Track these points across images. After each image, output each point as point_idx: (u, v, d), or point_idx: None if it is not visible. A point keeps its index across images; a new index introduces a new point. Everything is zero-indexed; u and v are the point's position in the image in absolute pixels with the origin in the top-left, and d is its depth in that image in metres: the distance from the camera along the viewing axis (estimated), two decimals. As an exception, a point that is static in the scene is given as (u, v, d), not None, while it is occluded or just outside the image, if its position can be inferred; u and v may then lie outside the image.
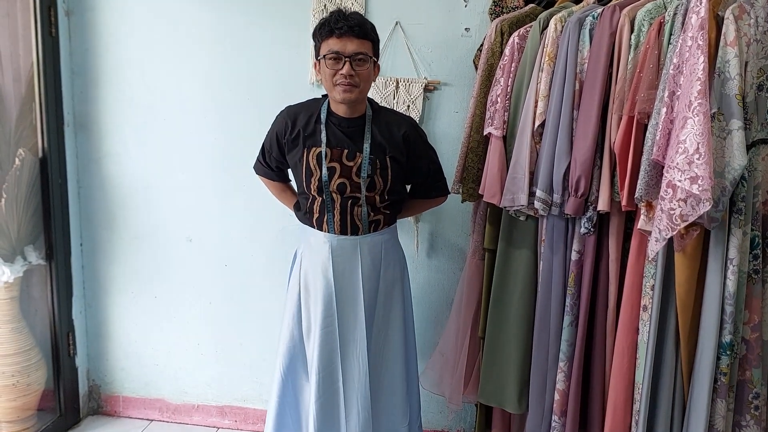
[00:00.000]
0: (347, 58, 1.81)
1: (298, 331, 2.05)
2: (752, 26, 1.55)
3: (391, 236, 2.07)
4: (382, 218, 1.99)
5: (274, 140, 2.02)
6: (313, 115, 1.94)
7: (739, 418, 1.69)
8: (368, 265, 1.98)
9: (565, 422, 1.90)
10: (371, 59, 1.87)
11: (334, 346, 1.98)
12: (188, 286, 2.65)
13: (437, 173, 2.10)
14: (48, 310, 2.57)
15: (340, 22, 1.81)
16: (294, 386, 2.10)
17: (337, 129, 1.92)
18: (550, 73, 1.84)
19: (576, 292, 1.86)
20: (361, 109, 1.94)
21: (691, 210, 1.49)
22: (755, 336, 1.65)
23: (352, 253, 1.97)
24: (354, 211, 1.94)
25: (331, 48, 1.82)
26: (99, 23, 2.50)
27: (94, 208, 2.63)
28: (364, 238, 1.97)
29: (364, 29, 1.83)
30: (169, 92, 2.51)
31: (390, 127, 1.95)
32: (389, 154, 1.93)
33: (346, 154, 1.91)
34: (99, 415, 2.78)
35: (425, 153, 2.04)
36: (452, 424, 2.58)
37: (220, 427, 2.72)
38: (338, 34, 1.81)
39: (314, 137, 1.93)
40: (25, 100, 2.43)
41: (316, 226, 1.98)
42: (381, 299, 2.03)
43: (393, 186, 1.97)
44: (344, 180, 1.91)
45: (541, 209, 1.86)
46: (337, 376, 1.98)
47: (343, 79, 1.82)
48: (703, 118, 1.44)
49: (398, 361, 2.09)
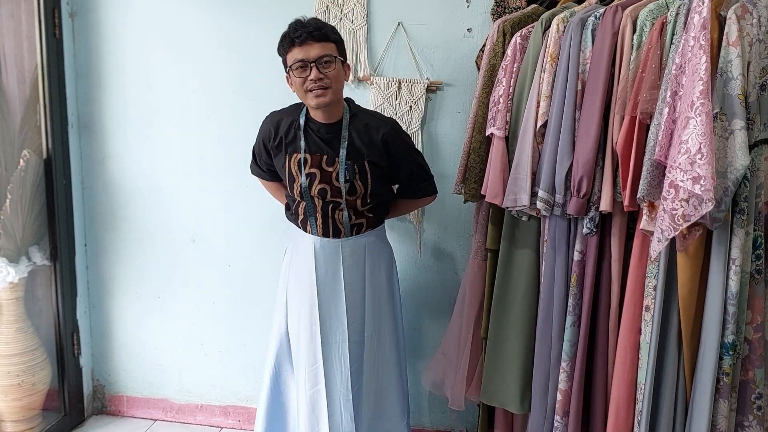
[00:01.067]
0: (312, 63, 1.82)
1: (284, 327, 2.09)
2: (755, 26, 1.54)
3: (376, 238, 2.07)
4: (365, 221, 2.01)
5: (261, 146, 2.05)
6: (294, 121, 1.96)
7: (741, 419, 1.69)
8: (350, 267, 2.00)
9: (567, 422, 1.90)
10: (337, 59, 1.87)
11: (316, 345, 2.00)
12: (192, 287, 2.66)
13: (421, 173, 2.08)
14: (52, 310, 2.58)
15: (299, 31, 1.82)
16: (282, 386, 2.14)
17: (315, 135, 1.94)
18: (552, 74, 1.84)
19: (578, 293, 1.86)
20: (338, 114, 1.94)
21: (693, 210, 1.49)
22: (758, 336, 1.65)
23: (334, 255, 1.99)
24: (335, 215, 1.96)
25: (295, 57, 1.83)
26: (102, 25, 2.51)
27: (98, 209, 2.64)
28: (346, 240, 1.99)
29: (323, 32, 1.84)
30: (172, 93, 2.52)
31: (369, 131, 1.95)
32: (368, 158, 1.93)
33: (325, 159, 1.92)
34: (103, 415, 2.79)
35: (407, 154, 2.03)
36: (455, 425, 2.58)
37: (224, 427, 2.72)
38: (299, 42, 1.82)
39: (294, 144, 1.95)
40: (29, 102, 2.44)
41: (302, 227, 2.02)
42: (369, 301, 2.04)
43: (375, 189, 1.98)
44: (325, 185, 1.93)
45: (544, 209, 1.86)
46: (321, 376, 2.00)
47: (312, 84, 1.82)
48: (705, 118, 1.44)
49: (393, 361, 2.12)
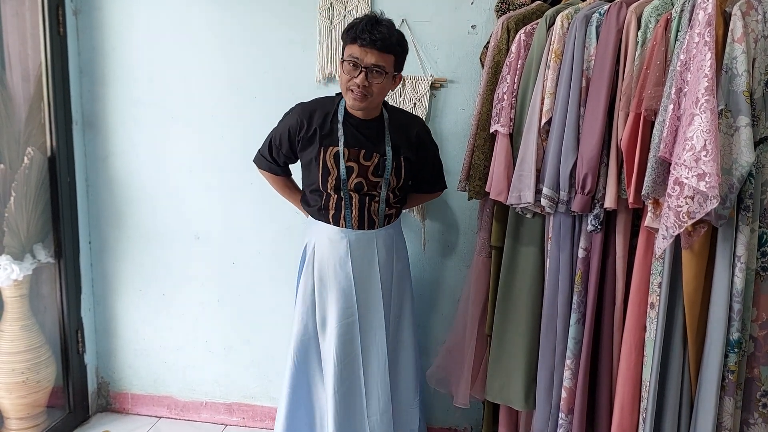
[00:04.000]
0: (364, 68, 1.84)
1: (312, 325, 2.09)
2: (760, 22, 1.54)
3: (398, 228, 2.16)
4: (394, 212, 2.08)
5: (285, 136, 2.03)
6: (329, 114, 1.98)
7: (747, 416, 1.68)
8: (383, 257, 2.06)
9: (572, 420, 1.90)
10: (389, 75, 1.88)
11: (354, 335, 2.04)
12: (196, 284, 2.66)
13: (440, 168, 2.19)
14: (57, 307, 2.59)
15: (365, 33, 1.82)
16: (307, 378, 2.14)
17: (355, 130, 1.97)
18: (556, 71, 1.84)
19: (583, 290, 1.86)
20: (376, 112, 1.99)
21: (698, 207, 1.49)
22: (763, 333, 1.64)
23: (369, 246, 2.04)
24: (371, 207, 2.01)
25: (351, 54, 1.86)
26: (106, 22, 2.51)
27: (103, 206, 2.65)
28: (379, 231, 2.05)
29: (386, 43, 1.84)
30: (176, 91, 2.52)
31: (404, 128, 2.03)
32: (403, 154, 2.01)
33: (363, 154, 1.96)
34: (108, 412, 2.79)
35: (433, 151, 2.14)
36: (459, 422, 2.58)
37: (228, 424, 2.73)
38: (360, 43, 1.83)
39: (331, 136, 1.97)
40: (33, 99, 2.44)
41: (333, 222, 2.02)
42: (394, 288, 2.12)
43: (404, 183, 2.05)
44: (361, 179, 1.97)
45: (548, 207, 1.85)
46: (358, 364, 2.05)
47: (356, 87, 1.85)
48: (710, 115, 1.44)
49: (410, 345, 2.20)
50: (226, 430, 2.70)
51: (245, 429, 2.71)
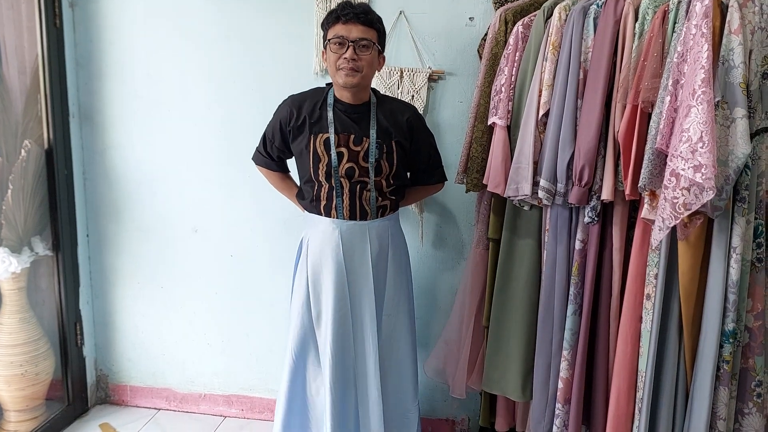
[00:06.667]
0: (351, 43, 1.87)
1: (308, 318, 2.09)
2: (756, 14, 1.54)
3: (395, 222, 2.14)
4: (389, 204, 2.05)
5: (277, 129, 2.05)
6: (318, 102, 2.00)
7: (741, 406, 1.70)
8: (376, 250, 2.04)
9: (568, 410, 1.91)
10: (375, 47, 1.91)
11: (347, 327, 2.03)
12: (194, 277, 2.66)
13: (437, 159, 2.16)
14: (55, 300, 2.59)
15: (347, 9, 1.88)
16: (305, 371, 2.14)
17: (343, 115, 1.97)
18: (554, 63, 1.84)
19: (580, 281, 1.87)
20: (365, 96, 1.99)
21: (694, 199, 1.49)
22: (758, 324, 1.66)
23: (361, 237, 2.02)
24: (363, 196, 1.99)
25: (336, 33, 1.88)
26: (103, 14, 2.50)
27: (100, 199, 2.65)
28: (372, 223, 2.03)
29: (369, 17, 1.90)
30: (174, 84, 2.51)
31: (394, 113, 2.02)
32: (395, 138, 2.00)
33: (352, 139, 1.96)
34: (107, 405, 2.80)
35: (427, 139, 2.12)
36: (457, 413, 2.60)
37: (227, 416, 2.74)
38: (344, 20, 1.87)
39: (320, 123, 1.98)
40: (30, 92, 2.44)
41: (324, 213, 2.01)
42: (390, 284, 2.09)
43: (398, 170, 2.03)
44: (352, 164, 1.97)
45: (545, 199, 1.86)
46: (351, 355, 2.05)
47: (345, 63, 1.87)
48: (706, 107, 1.44)
49: (407, 346, 2.17)
50: (225, 422, 2.71)
51: (244, 421, 2.72)
